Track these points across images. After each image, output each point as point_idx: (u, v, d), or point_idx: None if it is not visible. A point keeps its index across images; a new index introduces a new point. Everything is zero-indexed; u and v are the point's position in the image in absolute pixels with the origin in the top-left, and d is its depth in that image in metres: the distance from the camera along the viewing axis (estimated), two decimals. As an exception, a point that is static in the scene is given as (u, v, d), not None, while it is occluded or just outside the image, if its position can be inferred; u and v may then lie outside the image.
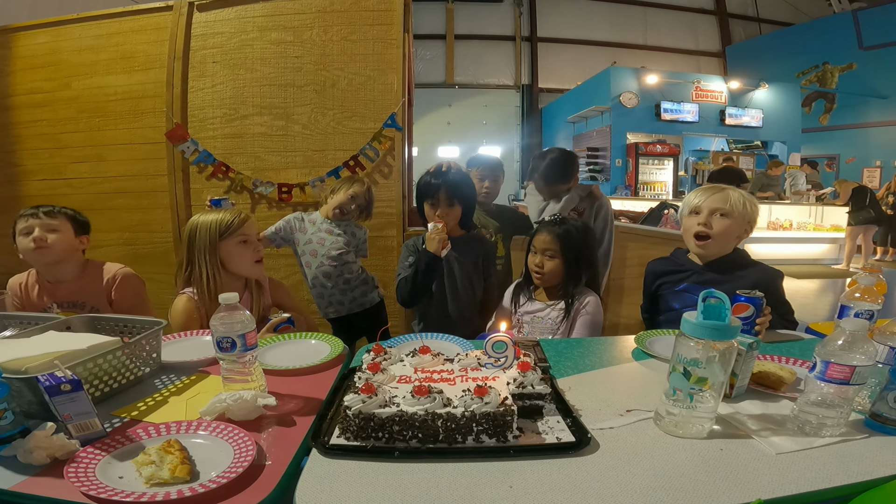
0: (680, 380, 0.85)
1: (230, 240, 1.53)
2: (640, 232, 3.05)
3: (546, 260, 1.62)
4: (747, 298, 1.25)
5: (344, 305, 2.23)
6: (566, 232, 1.62)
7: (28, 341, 1.03)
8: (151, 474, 0.72)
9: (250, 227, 1.59)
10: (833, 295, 5.48)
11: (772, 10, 12.15)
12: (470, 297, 1.85)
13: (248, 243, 1.57)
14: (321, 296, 2.22)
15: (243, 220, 1.56)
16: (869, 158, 9.59)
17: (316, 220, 2.22)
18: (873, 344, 0.87)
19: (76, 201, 2.76)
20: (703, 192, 1.55)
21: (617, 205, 7.09)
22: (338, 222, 2.21)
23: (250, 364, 0.97)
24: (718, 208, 1.49)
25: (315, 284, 2.20)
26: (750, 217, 1.52)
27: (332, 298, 2.22)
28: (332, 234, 2.19)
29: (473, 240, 1.91)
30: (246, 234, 1.56)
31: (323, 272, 2.17)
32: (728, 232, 1.50)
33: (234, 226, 1.53)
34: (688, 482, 0.73)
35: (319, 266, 2.17)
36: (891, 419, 0.87)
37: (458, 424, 0.81)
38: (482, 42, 11.82)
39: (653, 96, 9.41)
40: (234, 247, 1.54)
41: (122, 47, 2.71)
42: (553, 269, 1.61)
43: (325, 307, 2.24)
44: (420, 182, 1.87)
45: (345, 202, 2.18)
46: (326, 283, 2.19)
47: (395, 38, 2.60)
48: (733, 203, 1.48)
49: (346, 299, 2.24)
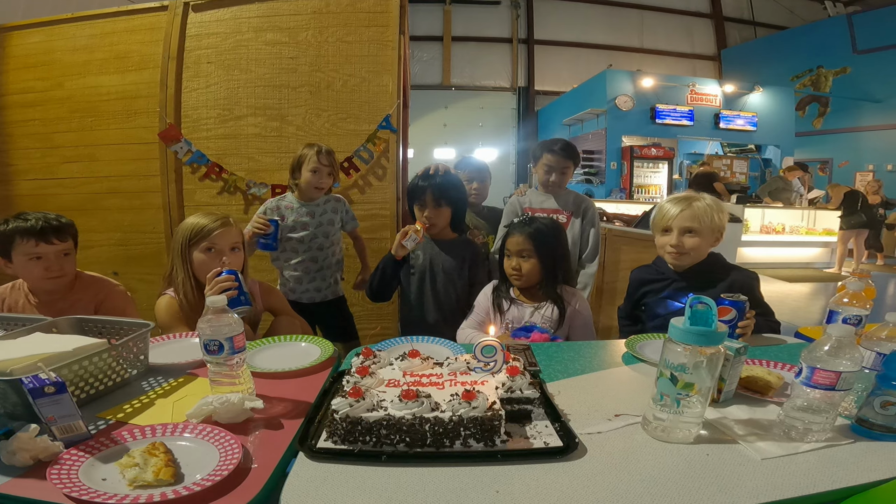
0: (667, 385, 0.86)
1: (196, 247, 1.50)
2: (634, 235, 3.06)
3: (522, 262, 1.62)
4: (730, 302, 1.27)
5: (320, 292, 2.22)
6: (537, 230, 1.62)
7: (14, 342, 1.02)
8: (135, 476, 0.71)
9: (221, 238, 1.50)
10: (825, 298, 5.51)
11: (767, 14, 12.24)
12: (451, 300, 1.86)
13: (215, 252, 1.50)
14: (299, 280, 2.19)
15: (210, 230, 1.49)
16: (861, 162, 9.66)
17: (293, 204, 2.17)
18: (859, 350, 0.88)
19: (68, 201, 2.76)
20: (673, 206, 1.56)
21: (611, 208, 7.11)
22: (315, 202, 2.18)
23: (238, 367, 0.97)
24: (687, 227, 1.53)
25: (297, 269, 2.17)
26: (719, 226, 1.55)
27: (311, 284, 2.20)
28: (315, 216, 2.16)
29: (462, 243, 1.92)
30: (213, 243, 1.50)
31: (310, 257, 2.16)
32: (700, 246, 1.54)
33: (201, 234, 1.49)
34: (674, 488, 0.73)
35: (307, 251, 2.16)
36: (877, 424, 0.87)
37: (446, 429, 0.81)
38: (479, 44, 11.85)
39: (648, 99, 9.45)
40: (199, 254, 1.50)
41: (116, 47, 2.70)
42: (530, 269, 1.61)
43: (300, 292, 2.20)
44: (409, 185, 1.90)
45: (315, 178, 2.11)
46: (312, 267, 2.17)
47: (390, 40, 2.60)
48: (702, 219, 1.51)
49: (323, 285, 2.22)
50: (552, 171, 2.28)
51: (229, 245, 1.54)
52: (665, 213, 1.57)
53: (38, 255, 1.50)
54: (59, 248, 1.53)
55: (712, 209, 1.53)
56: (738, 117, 9.77)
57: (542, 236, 1.61)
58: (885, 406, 0.86)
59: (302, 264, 2.18)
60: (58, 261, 1.53)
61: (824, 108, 10.41)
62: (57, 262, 1.53)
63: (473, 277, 1.89)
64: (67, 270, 1.56)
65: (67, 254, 1.56)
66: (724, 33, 12.41)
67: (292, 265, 2.18)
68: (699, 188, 6.07)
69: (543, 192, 2.38)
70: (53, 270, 1.52)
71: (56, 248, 1.53)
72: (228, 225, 1.54)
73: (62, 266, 1.54)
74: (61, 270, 1.54)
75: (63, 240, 1.55)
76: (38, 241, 1.50)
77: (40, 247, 1.50)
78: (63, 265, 1.55)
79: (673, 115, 9.47)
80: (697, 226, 1.52)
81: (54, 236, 1.53)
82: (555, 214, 2.30)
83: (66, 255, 1.56)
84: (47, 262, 1.52)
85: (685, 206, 1.53)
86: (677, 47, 12.27)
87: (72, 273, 1.59)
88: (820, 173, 10.17)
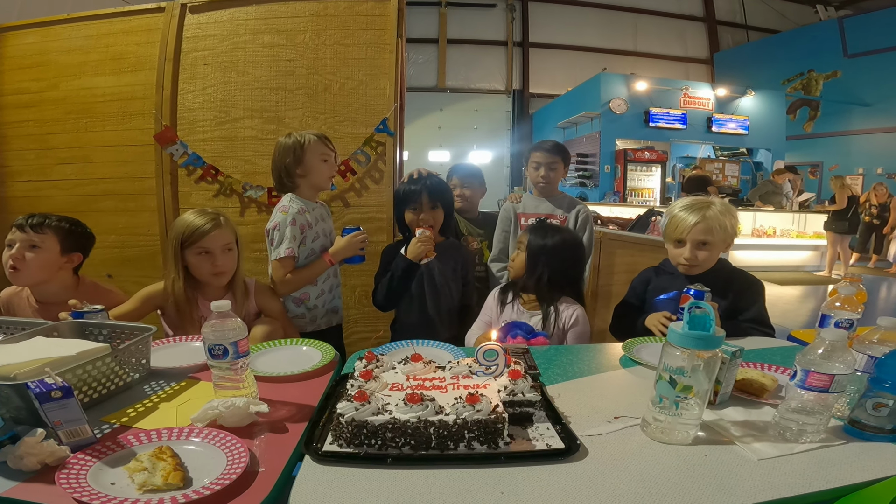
0: (666, 388, 0.88)
1: (190, 250, 1.52)
2: (628, 239, 3.09)
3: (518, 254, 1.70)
4: (695, 292, 1.35)
5: (337, 313, 2.00)
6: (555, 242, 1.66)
7: (16, 347, 1.02)
8: (144, 481, 0.72)
9: (213, 241, 1.52)
10: (815, 301, 5.58)
11: (759, 18, 12.39)
12: (449, 301, 1.88)
13: (209, 254, 1.53)
14: (330, 303, 1.95)
15: (203, 233, 1.51)
16: (851, 166, 9.79)
17: (309, 207, 1.86)
18: (852, 353, 0.90)
19: (62, 203, 2.73)
20: (687, 216, 1.54)
21: (605, 211, 7.16)
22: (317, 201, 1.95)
23: (242, 371, 0.98)
24: (701, 240, 1.53)
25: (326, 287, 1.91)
26: (731, 233, 1.56)
27: (332, 304, 1.96)
28: (326, 220, 1.96)
29: (452, 247, 1.96)
30: (204, 247, 1.52)
31: (333, 271, 1.93)
32: (712, 257, 1.56)
33: (193, 237, 1.51)
34: (673, 488, 0.75)
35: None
36: (869, 426, 0.90)
37: (451, 431, 0.82)
38: (474, 47, 11.90)
39: (642, 103, 9.53)
40: (193, 257, 1.53)
41: (112, 48, 2.69)
42: (519, 264, 1.69)
43: (320, 316, 1.93)
44: (398, 191, 1.91)
45: (329, 168, 1.89)
46: (335, 282, 1.95)
47: (388, 43, 2.61)
48: (716, 231, 1.52)
49: (340, 305, 2.04)
50: (540, 166, 2.31)
51: (222, 246, 1.55)
52: (679, 224, 1.56)
53: (9, 244, 1.53)
54: (28, 238, 1.52)
55: (725, 216, 1.53)
56: (730, 121, 9.88)
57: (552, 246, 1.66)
58: (877, 408, 0.89)
59: (328, 282, 1.93)
60: (20, 250, 1.51)
61: (815, 111, 10.54)
62: (19, 252, 1.51)
63: (466, 278, 1.94)
64: (27, 264, 1.51)
65: (36, 247, 1.53)
66: (717, 37, 12.55)
67: (319, 286, 1.89)
68: (692, 192, 6.14)
69: (538, 195, 2.41)
70: (14, 259, 1.51)
71: (26, 236, 1.52)
72: (220, 226, 1.55)
73: (24, 256, 1.51)
74: (21, 260, 1.51)
75: (38, 231, 1.53)
76: (16, 229, 1.54)
77: (14, 234, 1.53)
78: (26, 256, 1.51)
79: (666, 118, 9.56)
80: (712, 239, 1.52)
81: (32, 225, 1.53)
82: (549, 219, 2.32)
83: (33, 248, 1.52)
84: (12, 252, 1.52)
85: (699, 219, 1.51)
86: (671, 51, 12.39)
87: (33, 269, 1.53)
88: (811, 177, 10.28)
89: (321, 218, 1.92)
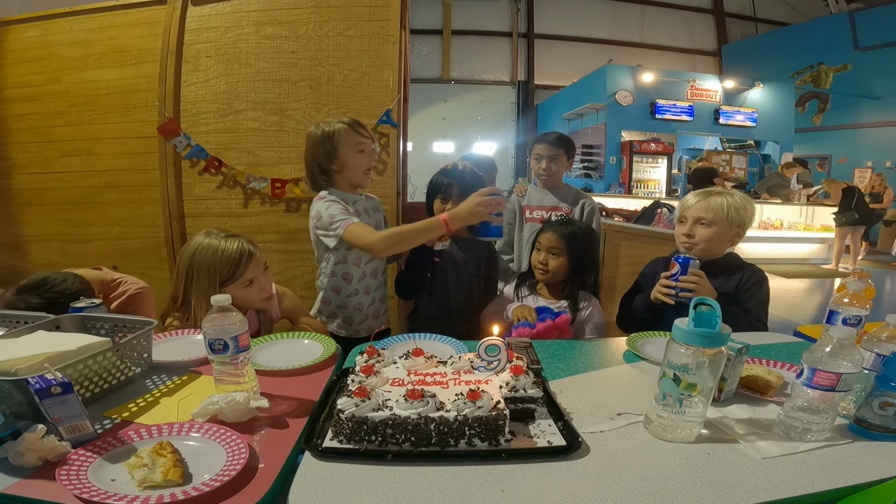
0: (670, 385, 0.87)
1: (234, 285, 1.40)
2: (634, 231, 3.07)
3: (550, 258, 1.68)
4: (682, 259, 1.41)
5: (378, 318, 1.84)
6: (572, 233, 1.69)
7: (17, 341, 1.02)
8: (144, 477, 0.72)
9: (255, 267, 1.43)
10: (822, 294, 5.54)
11: (769, 10, 12.21)
12: (470, 297, 1.87)
13: (255, 283, 1.43)
14: (376, 313, 1.82)
15: (247, 264, 1.40)
16: (860, 159, 9.69)
17: (350, 200, 1.68)
18: (860, 351, 0.89)
19: (65, 195, 2.75)
20: (692, 198, 1.61)
21: (610, 202, 7.13)
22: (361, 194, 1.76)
23: (243, 365, 0.97)
24: (701, 217, 1.55)
25: (375, 294, 1.79)
26: (739, 221, 1.55)
27: (371, 309, 1.79)
28: (377, 211, 1.82)
29: (479, 243, 1.93)
30: (250, 277, 1.42)
31: (371, 269, 1.76)
32: (712, 238, 1.54)
33: (236, 275, 1.39)
34: (675, 487, 0.74)
35: (370, 261, 1.74)
36: (875, 425, 0.88)
37: (451, 428, 0.82)
38: (479, 38, 11.80)
39: (648, 94, 9.45)
40: (239, 291, 1.40)
41: (115, 41, 2.68)
42: (557, 267, 1.68)
43: (359, 321, 1.77)
44: (433, 179, 1.89)
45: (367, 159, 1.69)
46: (372, 283, 1.78)
47: (391, 35, 2.58)
48: (716, 211, 1.53)
49: (382, 308, 1.85)
50: (542, 158, 2.31)
51: (261, 268, 1.47)
52: (683, 204, 1.62)
53: None
54: None
55: (730, 204, 1.53)
56: (738, 113, 9.79)
57: (574, 239, 1.68)
58: (884, 407, 0.87)
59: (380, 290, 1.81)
60: None
61: (824, 104, 10.41)
62: None
63: (489, 275, 1.95)
64: None
65: None
66: (725, 29, 12.38)
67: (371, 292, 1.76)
68: (698, 184, 6.09)
69: (542, 187, 2.39)
70: None
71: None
72: (251, 254, 1.43)
73: None
74: None
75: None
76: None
77: None
78: None
79: (673, 110, 9.48)
80: (711, 217, 1.53)
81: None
82: (554, 211, 2.31)
83: None
84: None
85: (702, 198, 1.57)
86: (678, 42, 12.24)
87: None
88: (819, 169, 10.18)
89: (367, 211, 1.73)
